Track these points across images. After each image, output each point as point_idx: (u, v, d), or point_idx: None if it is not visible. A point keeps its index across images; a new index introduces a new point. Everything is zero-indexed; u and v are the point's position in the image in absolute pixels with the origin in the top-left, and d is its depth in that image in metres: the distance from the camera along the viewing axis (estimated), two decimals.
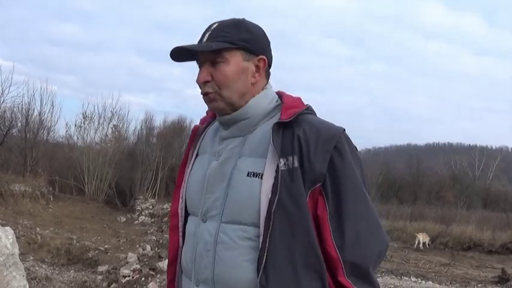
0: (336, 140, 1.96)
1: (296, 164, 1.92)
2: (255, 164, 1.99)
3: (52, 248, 14.97)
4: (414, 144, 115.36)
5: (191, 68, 2.14)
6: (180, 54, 2.09)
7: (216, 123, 2.25)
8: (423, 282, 14.58)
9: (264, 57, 2.10)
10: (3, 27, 70.39)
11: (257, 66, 2.09)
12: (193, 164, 2.26)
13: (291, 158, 1.93)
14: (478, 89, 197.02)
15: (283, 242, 1.89)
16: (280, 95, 2.17)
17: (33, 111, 28.29)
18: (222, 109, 2.09)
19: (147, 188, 29.07)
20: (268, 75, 2.18)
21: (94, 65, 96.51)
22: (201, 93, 2.11)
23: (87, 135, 31.10)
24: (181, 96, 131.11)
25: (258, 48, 2.09)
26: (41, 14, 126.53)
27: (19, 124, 28.06)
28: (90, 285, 11.88)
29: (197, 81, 2.09)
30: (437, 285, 14.36)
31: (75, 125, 31.15)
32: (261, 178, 1.95)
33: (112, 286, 11.36)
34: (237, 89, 2.05)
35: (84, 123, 30.89)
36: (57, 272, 12.92)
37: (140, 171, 28.54)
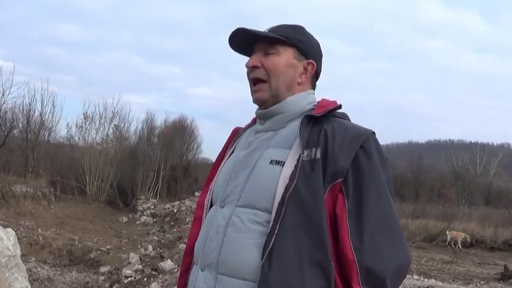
0: (363, 139, 1.97)
1: (318, 155, 1.93)
2: (279, 153, 2.02)
3: (54, 248, 14.97)
4: (415, 142, 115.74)
5: (191, 67, 2.17)
6: (237, 42, 2.20)
7: (254, 126, 2.29)
8: (426, 279, 14.54)
9: (313, 62, 2.17)
10: (3, 27, 70.43)
11: (305, 69, 2.16)
12: (226, 160, 2.29)
13: (314, 150, 1.94)
14: (479, 86, 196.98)
15: (293, 232, 1.87)
16: (319, 101, 2.21)
17: (34, 112, 28.33)
18: (266, 100, 2.16)
19: (149, 188, 29.07)
20: (314, 84, 2.26)
21: (94, 64, 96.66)
22: (249, 80, 2.19)
23: (88, 135, 31.11)
24: (181, 96, 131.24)
25: (310, 52, 2.18)
26: (41, 13, 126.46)
27: (20, 125, 28.10)
28: (92, 285, 11.89)
29: (246, 65, 2.17)
30: (440, 283, 14.33)
31: (76, 125, 31.15)
32: (283, 166, 1.96)
33: (114, 287, 11.35)
34: (284, 80, 2.12)
35: (85, 123, 30.87)
36: (59, 273, 12.92)
37: (142, 171, 28.54)
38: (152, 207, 25.41)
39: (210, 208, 2.24)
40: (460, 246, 23.20)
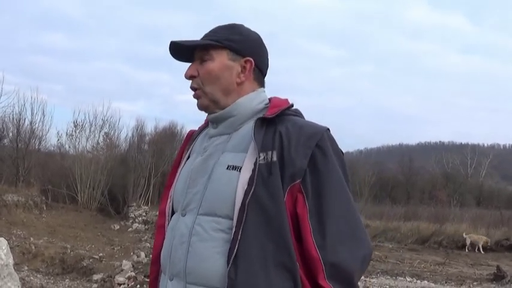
0: (318, 137, 1.97)
1: (275, 158, 1.93)
2: (235, 158, 2.02)
3: (46, 257, 14.90)
4: (406, 144, 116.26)
5: (179, 73, 2.19)
6: (178, 52, 2.21)
7: (207, 129, 2.27)
8: (418, 281, 14.61)
9: (251, 59, 2.14)
10: None
11: (243, 67, 2.14)
12: (183, 165, 2.28)
13: (270, 153, 1.94)
14: (467, 86, 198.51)
15: (255, 236, 1.88)
16: (270, 99, 2.20)
17: (24, 121, 28.20)
18: (207, 106, 2.17)
19: (140, 195, 28.93)
20: (260, 80, 2.22)
21: (82, 73, 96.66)
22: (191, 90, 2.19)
23: (78, 143, 30.94)
24: (171, 102, 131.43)
25: (246, 50, 2.15)
26: (28, 22, 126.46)
27: (10, 134, 28.06)
28: None
29: (184, 76, 2.18)
30: (433, 285, 14.38)
31: (67, 134, 31.01)
32: (240, 171, 1.96)
33: None
34: (219, 85, 2.12)
35: (75, 131, 30.75)
36: (52, 282, 12.86)
37: (133, 178, 28.38)
38: (144, 214, 25.28)
39: (171, 215, 2.25)
40: (482, 251, 22.92)
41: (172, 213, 2.26)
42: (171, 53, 2.21)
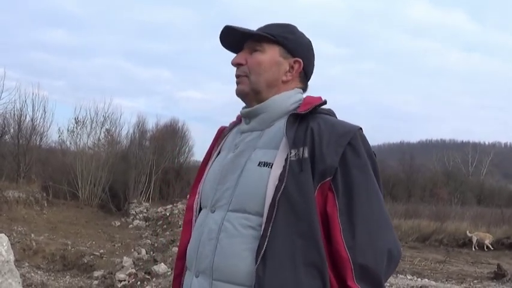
0: (350, 136, 1.94)
1: (306, 155, 1.90)
2: (267, 154, 2.00)
3: (47, 253, 14.92)
4: (407, 142, 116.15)
5: (180, 70, 2.20)
6: (228, 42, 2.23)
7: (240, 125, 2.26)
8: (419, 279, 14.55)
9: (300, 60, 2.14)
10: None
11: (291, 67, 2.14)
12: (213, 161, 2.27)
13: (301, 149, 1.91)
14: (469, 84, 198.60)
15: (285, 233, 1.85)
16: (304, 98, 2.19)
17: (26, 117, 28.32)
18: (247, 93, 2.16)
19: (141, 192, 29.01)
20: (304, 83, 2.23)
21: (83, 69, 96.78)
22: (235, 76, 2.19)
23: (79, 140, 31.07)
24: (172, 99, 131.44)
25: (297, 50, 2.16)
26: (29, 19, 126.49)
27: (12, 130, 28.11)
28: None
29: (231, 62, 2.18)
30: (433, 283, 14.33)
31: (68, 130, 31.12)
32: (271, 168, 1.93)
33: None
34: (265, 78, 2.12)
35: (76, 128, 30.85)
36: (52, 278, 12.87)
37: (134, 174, 28.46)
38: (145, 210, 25.34)
39: (199, 211, 2.23)
40: (491, 248, 22.81)
41: (200, 209, 2.23)
42: (221, 39, 2.22)
